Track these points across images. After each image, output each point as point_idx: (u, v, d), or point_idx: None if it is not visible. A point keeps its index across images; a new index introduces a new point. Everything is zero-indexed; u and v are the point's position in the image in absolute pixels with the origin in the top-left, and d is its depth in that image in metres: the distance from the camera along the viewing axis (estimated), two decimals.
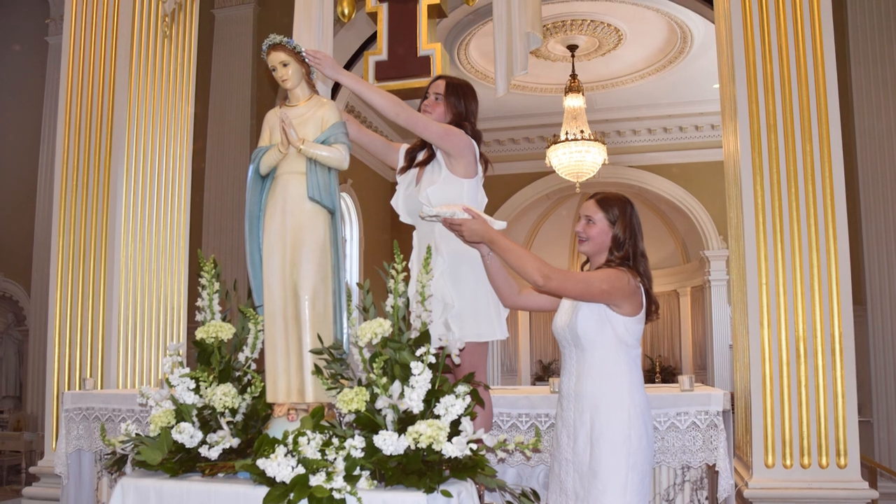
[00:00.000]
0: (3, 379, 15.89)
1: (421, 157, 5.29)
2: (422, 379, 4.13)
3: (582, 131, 16.39)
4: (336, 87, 9.91)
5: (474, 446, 4.09)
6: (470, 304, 4.95)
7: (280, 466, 4.01)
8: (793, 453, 5.94)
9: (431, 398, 4.16)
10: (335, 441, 4.12)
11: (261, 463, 4.06)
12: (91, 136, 7.75)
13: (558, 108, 17.22)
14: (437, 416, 4.11)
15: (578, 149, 16.45)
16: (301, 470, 4.01)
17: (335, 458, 4.04)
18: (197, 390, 4.68)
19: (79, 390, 7.04)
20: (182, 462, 4.52)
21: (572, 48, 16.70)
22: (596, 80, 18.37)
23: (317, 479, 3.93)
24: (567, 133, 16.51)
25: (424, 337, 4.30)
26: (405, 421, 4.15)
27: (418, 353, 4.19)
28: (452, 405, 4.11)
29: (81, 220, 7.65)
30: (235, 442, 4.52)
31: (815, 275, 6.08)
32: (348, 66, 12.20)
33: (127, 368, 7.57)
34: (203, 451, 4.48)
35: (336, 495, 3.91)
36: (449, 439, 4.04)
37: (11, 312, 15.63)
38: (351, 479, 3.98)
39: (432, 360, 4.18)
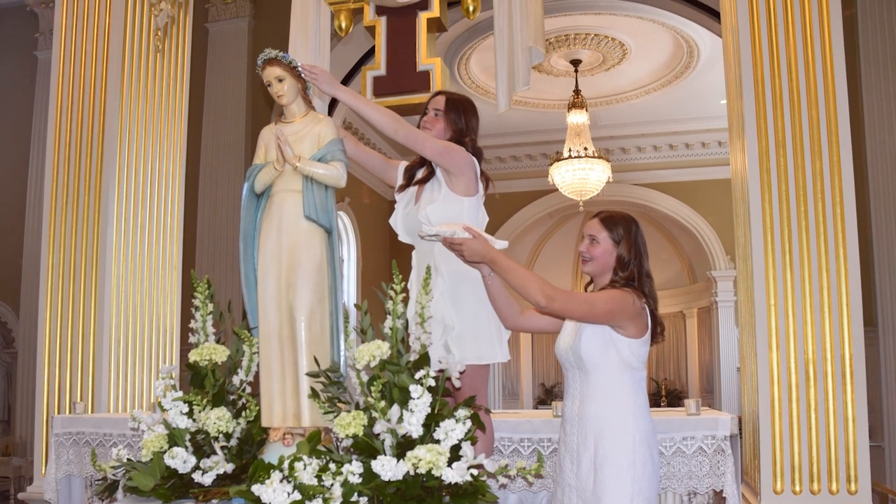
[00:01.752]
0: None
1: (420, 174, 5.29)
2: (421, 403, 4.14)
3: (585, 148, 16.40)
4: (333, 103, 9.91)
5: (475, 472, 4.09)
6: (470, 326, 4.94)
7: (276, 492, 4.01)
8: (802, 479, 5.93)
9: (431, 422, 4.17)
10: (332, 466, 4.13)
11: (256, 489, 4.06)
12: (81, 153, 7.75)
13: (561, 124, 17.23)
14: (437, 441, 4.12)
15: (582, 166, 16.45)
16: (297, 496, 4.01)
17: (332, 484, 4.05)
18: (190, 414, 4.69)
19: (69, 414, 7.04)
20: (175, 488, 4.53)
21: (576, 63, 16.71)
22: (600, 96, 18.39)
23: None
24: (570, 150, 16.52)
25: (424, 359, 4.31)
26: (404, 446, 4.15)
27: (417, 376, 4.20)
28: (453, 429, 4.12)
29: (72, 239, 7.64)
30: (230, 467, 4.52)
31: (824, 296, 6.06)
32: (346, 81, 12.22)
33: (118, 392, 7.56)
34: (196, 476, 4.49)
35: None
36: (449, 465, 4.04)
37: None
38: None
39: (432, 383, 4.19)
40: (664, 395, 22.45)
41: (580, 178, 16.56)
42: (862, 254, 6.24)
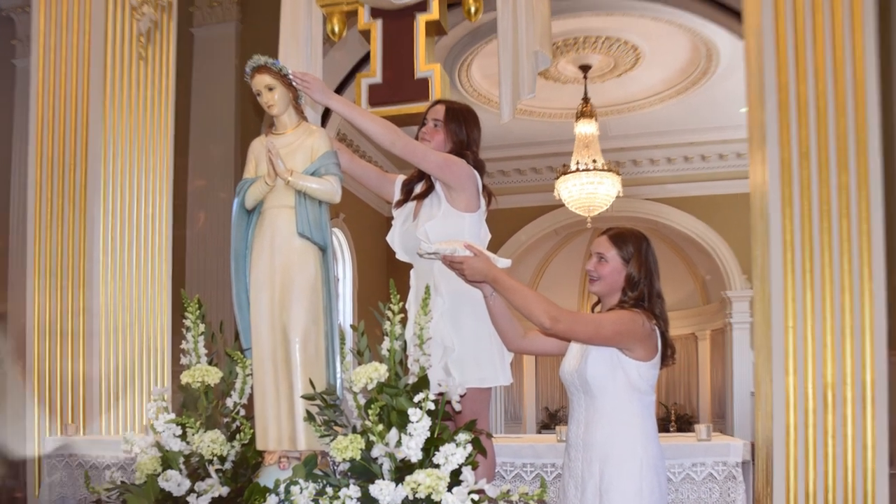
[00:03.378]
0: None
1: (419, 189, 5.35)
2: (420, 426, 4.21)
3: (594, 161, 16.30)
4: (326, 113, 9.95)
5: (476, 497, 4.15)
6: (471, 348, 5.00)
7: None
8: None
9: (430, 446, 4.23)
10: (329, 490, 4.20)
11: None
12: (64, 167, 7.78)
13: (569, 135, 17.11)
14: (437, 466, 4.18)
15: (590, 180, 16.34)
16: None
17: None
18: (184, 437, 4.76)
19: (60, 436, 7.14)
20: None
21: (585, 69, 16.60)
22: (610, 104, 18.25)
23: None
24: (578, 163, 16.41)
25: (423, 382, 4.38)
26: (403, 470, 4.22)
27: (416, 399, 4.26)
28: (453, 454, 4.18)
29: (57, 257, 7.67)
30: (225, 491, 4.59)
31: (846, 318, 6.02)
32: (339, 89, 12.21)
33: (110, 414, 7.62)
34: (191, 500, 4.56)
35: None
36: (449, 489, 4.11)
37: None
38: None
39: (431, 406, 4.25)
40: (674, 419, 22.34)
41: (588, 192, 16.43)
42: (888, 273, 6.24)
